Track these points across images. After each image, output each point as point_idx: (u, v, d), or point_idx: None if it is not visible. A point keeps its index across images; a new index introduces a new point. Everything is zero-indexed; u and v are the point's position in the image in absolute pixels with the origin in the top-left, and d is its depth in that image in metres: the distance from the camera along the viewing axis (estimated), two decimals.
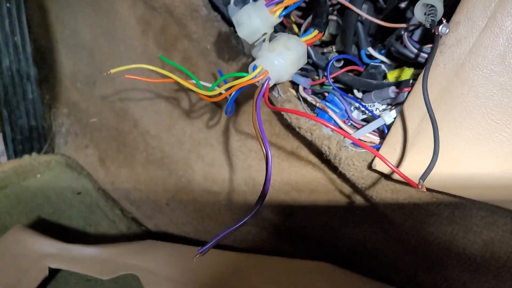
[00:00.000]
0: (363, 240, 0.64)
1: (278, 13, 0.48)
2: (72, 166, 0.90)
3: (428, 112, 0.44)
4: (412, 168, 0.50)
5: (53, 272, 0.74)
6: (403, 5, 0.55)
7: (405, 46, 0.52)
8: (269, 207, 0.69)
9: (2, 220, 0.80)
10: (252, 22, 0.47)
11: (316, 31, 0.51)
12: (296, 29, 0.64)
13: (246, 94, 0.55)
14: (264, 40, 0.49)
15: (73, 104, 0.90)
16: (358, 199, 0.62)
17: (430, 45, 0.51)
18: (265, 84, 0.47)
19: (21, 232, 0.75)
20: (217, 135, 0.73)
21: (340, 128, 0.57)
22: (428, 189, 0.51)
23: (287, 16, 0.63)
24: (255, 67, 0.47)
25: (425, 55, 0.51)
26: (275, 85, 0.56)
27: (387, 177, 0.55)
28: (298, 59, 0.49)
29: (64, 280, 0.74)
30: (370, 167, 0.54)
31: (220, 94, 0.51)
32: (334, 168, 0.60)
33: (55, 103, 0.92)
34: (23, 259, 0.72)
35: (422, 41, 0.53)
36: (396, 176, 0.52)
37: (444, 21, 0.46)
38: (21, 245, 0.73)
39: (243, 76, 0.47)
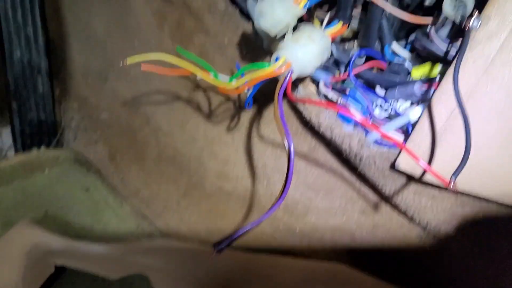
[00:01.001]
0: (381, 242, 0.62)
1: (302, 3, 0.46)
2: (81, 161, 0.88)
3: (459, 108, 0.43)
4: (438, 167, 0.48)
5: (59, 270, 0.72)
6: (427, 2, 0.53)
7: (432, 42, 0.50)
8: (284, 207, 0.67)
9: (9, 215, 0.79)
10: (275, 12, 0.45)
11: (341, 23, 0.49)
12: (318, 25, 0.62)
13: (263, 89, 0.54)
14: (286, 33, 0.47)
15: (84, 99, 0.89)
16: (377, 200, 0.60)
17: (459, 41, 0.49)
18: (288, 76, 0.45)
19: (28, 228, 0.74)
20: (232, 132, 0.71)
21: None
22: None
23: (308, 11, 0.61)
24: (277, 58, 0.46)
25: (453, 52, 0.49)
26: (295, 80, 0.54)
27: (410, 177, 0.53)
28: (322, 52, 0.47)
29: (70, 278, 0.72)
30: (392, 167, 0.53)
31: (239, 87, 0.50)
32: (353, 168, 0.59)
33: (65, 97, 0.90)
34: (28, 255, 0.70)
35: (449, 37, 0.51)
36: (421, 177, 0.50)
37: (476, 13, 0.44)
38: (27, 240, 0.72)
39: (264, 68, 0.46)
